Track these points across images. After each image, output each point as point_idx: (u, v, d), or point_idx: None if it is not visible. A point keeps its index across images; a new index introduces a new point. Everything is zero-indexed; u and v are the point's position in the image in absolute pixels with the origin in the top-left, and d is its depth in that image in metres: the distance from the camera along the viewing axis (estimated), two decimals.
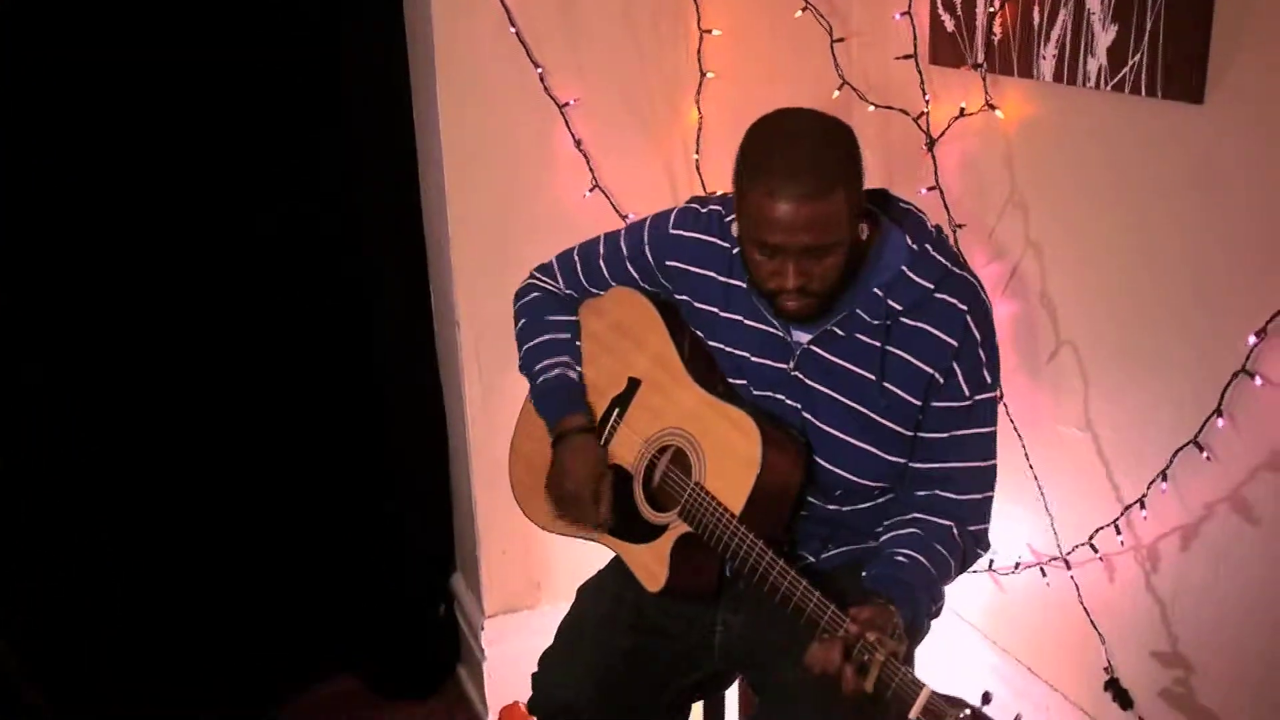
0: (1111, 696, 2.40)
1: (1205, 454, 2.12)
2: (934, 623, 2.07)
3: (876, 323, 1.84)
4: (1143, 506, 2.26)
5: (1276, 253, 1.94)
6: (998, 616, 2.74)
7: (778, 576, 1.76)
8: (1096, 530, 2.37)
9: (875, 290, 1.83)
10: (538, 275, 2.22)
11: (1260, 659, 2.13)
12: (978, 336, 1.84)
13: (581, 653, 2.02)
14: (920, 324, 1.83)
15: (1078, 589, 2.46)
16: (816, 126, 1.79)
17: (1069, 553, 2.46)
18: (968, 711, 1.51)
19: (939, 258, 1.85)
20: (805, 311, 1.80)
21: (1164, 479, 2.20)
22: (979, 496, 1.88)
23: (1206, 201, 2.08)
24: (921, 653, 1.99)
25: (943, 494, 1.86)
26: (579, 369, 2.12)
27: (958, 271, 1.86)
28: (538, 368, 2.11)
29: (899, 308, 1.83)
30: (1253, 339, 1.98)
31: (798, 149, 1.74)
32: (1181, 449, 2.15)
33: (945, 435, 1.85)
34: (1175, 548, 2.25)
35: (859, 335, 1.85)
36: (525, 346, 2.16)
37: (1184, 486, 2.19)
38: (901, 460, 1.88)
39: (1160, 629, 2.31)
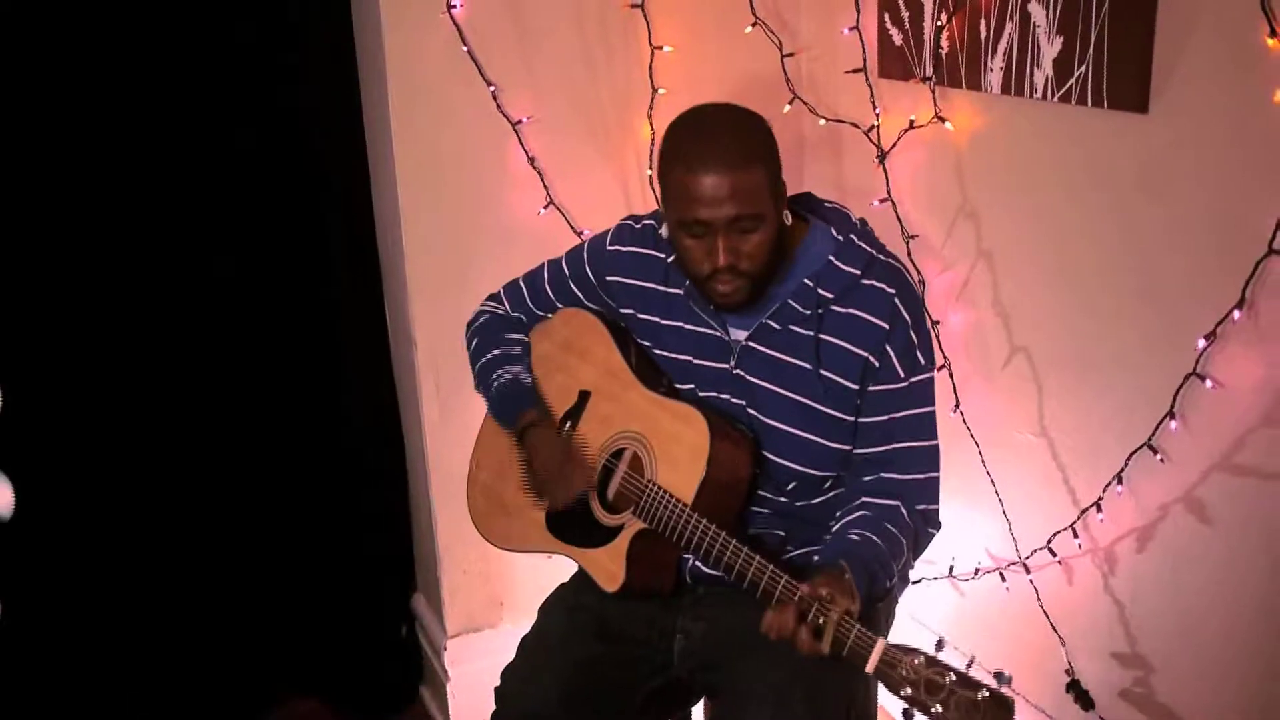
0: (1073, 698, 2.42)
1: (1159, 456, 2.16)
2: (894, 627, 2.09)
3: (809, 313, 1.90)
4: (1099, 509, 2.29)
5: (1224, 257, 1.98)
6: (958, 622, 2.76)
7: (731, 555, 1.80)
8: (1054, 534, 2.40)
9: (805, 281, 1.90)
10: (488, 304, 2.28)
11: (1218, 657, 2.17)
12: (907, 318, 1.89)
13: (545, 664, 2.02)
14: (851, 310, 1.89)
15: (1037, 593, 2.49)
16: (729, 111, 1.89)
17: (1027, 557, 2.49)
18: (922, 658, 1.55)
19: (864, 246, 1.92)
20: (738, 295, 1.86)
21: (1119, 482, 2.24)
22: (923, 476, 1.92)
23: (1154, 208, 2.12)
24: None
25: (888, 475, 1.90)
26: (531, 377, 2.15)
27: (883, 258, 1.93)
28: (492, 377, 2.15)
29: (829, 296, 1.89)
30: (1202, 342, 2.02)
31: (713, 129, 1.84)
32: (1136, 452, 2.19)
33: (885, 418, 1.90)
34: (1132, 549, 2.28)
35: (793, 327, 1.91)
36: (478, 364, 2.20)
37: (1139, 489, 2.23)
38: (846, 447, 1.92)
39: (1119, 630, 2.35)
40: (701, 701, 2.23)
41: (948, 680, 1.52)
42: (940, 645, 1.58)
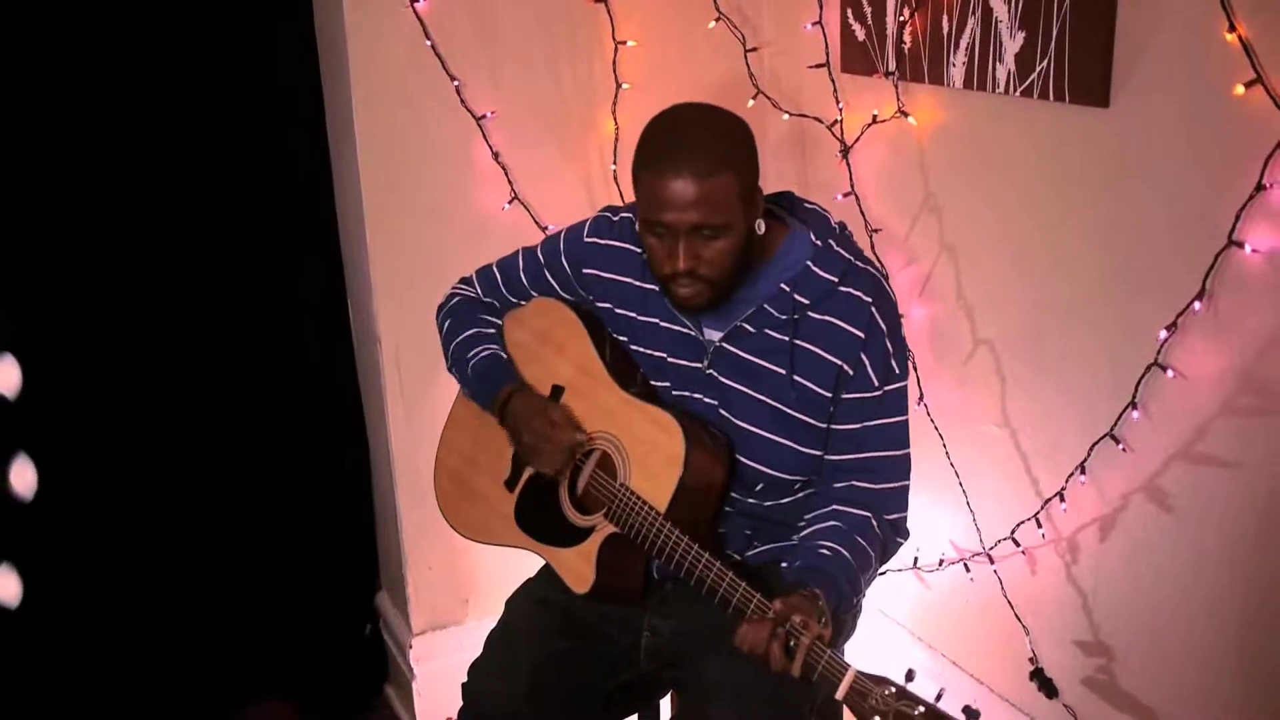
0: (1037, 687, 2.45)
1: (1121, 446, 2.19)
2: (860, 621, 2.10)
3: (784, 317, 1.88)
4: (1062, 499, 2.32)
5: (1184, 249, 2.00)
6: (923, 614, 2.78)
7: (703, 570, 1.79)
8: (1018, 524, 2.43)
9: (782, 286, 1.88)
10: (459, 287, 2.25)
11: (1179, 643, 2.20)
12: (884, 327, 1.88)
13: (511, 660, 2.02)
14: (827, 317, 1.88)
15: (1001, 583, 2.51)
16: (707, 115, 1.86)
17: (992, 547, 2.51)
18: (893, 689, 1.55)
19: (842, 252, 1.90)
20: (698, 299, 1.84)
21: (1082, 472, 2.26)
22: (895, 485, 1.92)
23: (1115, 201, 2.14)
24: (849, 652, 2.02)
25: (859, 484, 1.90)
26: (509, 356, 2.13)
27: (861, 265, 1.91)
28: (468, 356, 2.13)
29: (805, 302, 1.88)
30: (1164, 333, 2.05)
31: (686, 132, 1.82)
32: (1098, 442, 2.22)
33: (858, 426, 1.89)
34: (1094, 538, 2.31)
35: (768, 331, 1.89)
36: (452, 344, 2.17)
37: (1101, 478, 2.26)
38: (817, 453, 1.92)
39: (1082, 618, 2.37)
40: (668, 696, 2.23)
41: (917, 713, 1.52)
42: (910, 676, 1.59)
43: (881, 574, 2.70)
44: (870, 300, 1.88)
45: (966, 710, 1.51)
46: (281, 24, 2.64)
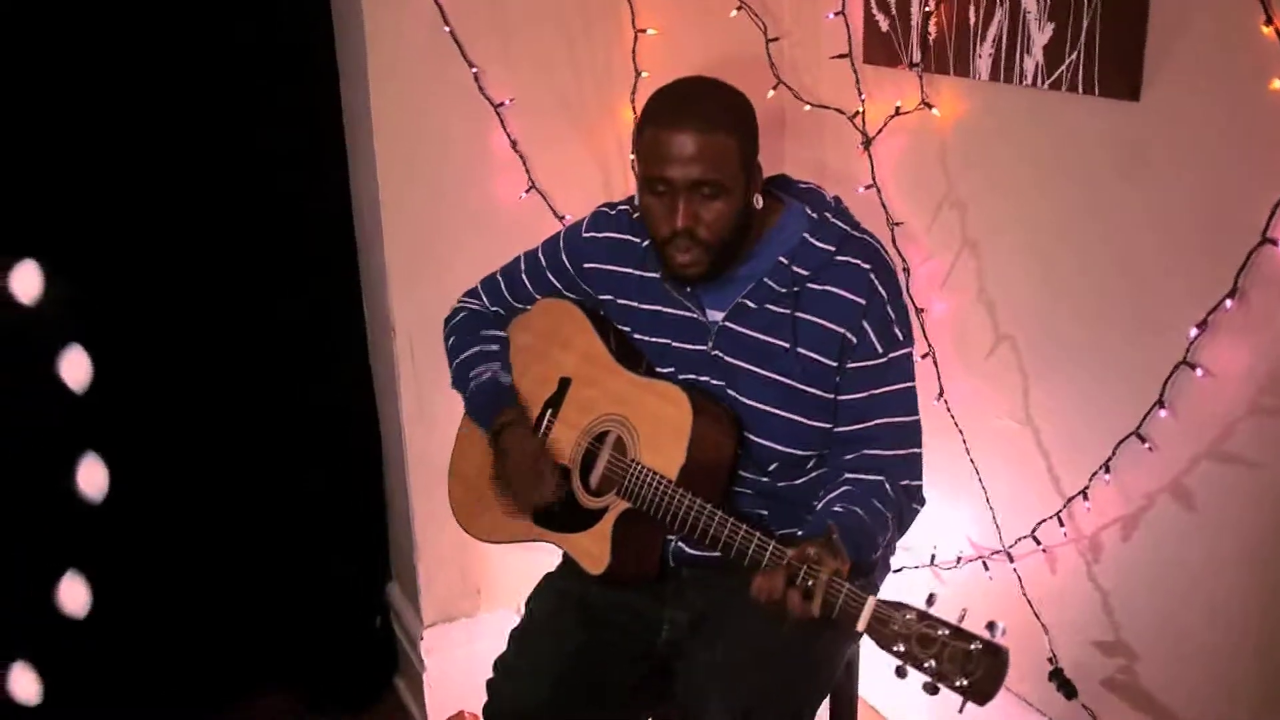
0: (1056, 687, 2.42)
1: (1147, 444, 2.16)
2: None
3: (784, 291, 1.90)
4: (1085, 498, 2.29)
5: (1215, 246, 1.97)
6: (940, 611, 2.74)
7: (717, 526, 1.79)
8: (1040, 522, 2.40)
9: (780, 259, 1.90)
10: (465, 299, 2.28)
11: (1201, 645, 2.17)
12: (884, 294, 1.90)
13: (532, 656, 2.02)
14: (827, 287, 1.90)
15: (1020, 581, 2.49)
16: (712, 83, 1.91)
17: (1011, 545, 2.49)
18: (913, 613, 1.54)
19: (838, 223, 1.93)
20: (696, 266, 1.86)
21: (1106, 470, 2.24)
22: (905, 452, 1.92)
23: (1144, 197, 2.11)
24: (867, 646, 1.99)
25: (869, 452, 1.90)
26: (509, 376, 2.15)
27: (858, 235, 1.94)
28: (469, 376, 2.15)
29: (805, 273, 1.90)
30: (1194, 331, 2.02)
31: (690, 94, 1.88)
32: (1124, 440, 2.19)
33: (864, 395, 1.90)
34: (1117, 538, 2.29)
35: (769, 305, 1.91)
36: (455, 362, 2.20)
37: (1125, 477, 2.23)
38: (827, 425, 1.92)
39: (1103, 618, 2.35)
40: None
41: (940, 634, 1.51)
42: (931, 600, 1.58)
43: (897, 571, 2.70)
44: (869, 267, 1.90)
45: (990, 626, 1.50)
46: (295, 9, 2.61)
